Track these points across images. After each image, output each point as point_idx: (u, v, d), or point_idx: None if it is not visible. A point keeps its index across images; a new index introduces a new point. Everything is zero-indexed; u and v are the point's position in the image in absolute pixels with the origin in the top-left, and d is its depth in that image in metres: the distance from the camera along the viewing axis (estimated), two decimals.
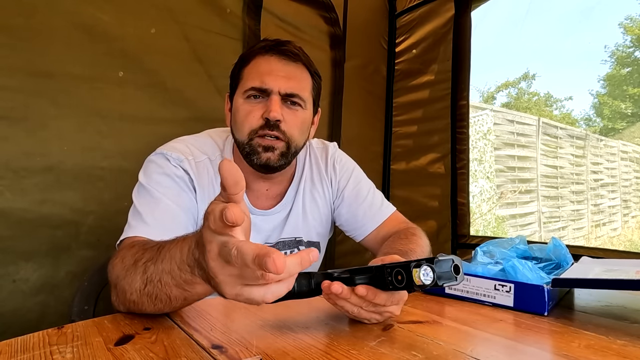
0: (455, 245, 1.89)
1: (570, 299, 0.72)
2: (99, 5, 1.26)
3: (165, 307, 0.55)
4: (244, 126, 0.81)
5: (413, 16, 2.10)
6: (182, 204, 0.78)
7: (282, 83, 0.80)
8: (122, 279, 0.58)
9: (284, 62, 0.82)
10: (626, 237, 6.49)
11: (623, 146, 7.28)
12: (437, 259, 0.46)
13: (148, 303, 0.55)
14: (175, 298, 0.51)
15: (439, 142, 1.97)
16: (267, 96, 0.80)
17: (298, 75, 0.83)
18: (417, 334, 0.52)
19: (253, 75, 0.81)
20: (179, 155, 0.81)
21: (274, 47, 0.82)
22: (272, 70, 0.81)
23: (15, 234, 1.13)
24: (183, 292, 0.50)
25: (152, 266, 0.53)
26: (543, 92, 10.83)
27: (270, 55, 0.82)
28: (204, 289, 0.48)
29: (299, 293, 0.52)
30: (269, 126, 0.79)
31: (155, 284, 0.52)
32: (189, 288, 0.49)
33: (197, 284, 0.47)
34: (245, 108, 0.81)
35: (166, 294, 0.51)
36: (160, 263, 0.51)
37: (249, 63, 0.83)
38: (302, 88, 0.83)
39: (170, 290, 0.51)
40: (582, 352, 0.48)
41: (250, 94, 0.81)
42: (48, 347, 0.47)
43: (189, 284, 0.48)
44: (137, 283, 0.55)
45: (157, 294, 0.52)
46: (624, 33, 8.77)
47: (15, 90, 1.13)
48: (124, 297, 0.58)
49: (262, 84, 0.80)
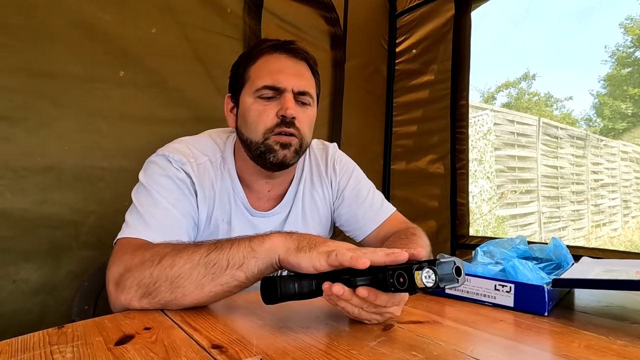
0: (455, 246, 1.89)
1: (571, 299, 0.72)
2: (100, 5, 1.26)
3: (220, 293, 0.60)
4: (258, 126, 0.80)
5: (413, 16, 2.10)
6: (183, 208, 0.77)
7: (294, 81, 0.80)
8: (166, 268, 0.60)
9: (293, 60, 0.82)
10: (626, 238, 6.49)
11: (623, 146, 7.28)
12: (439, 261, 0.46)
13: (200, 284, 0.58)
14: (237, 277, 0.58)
15: (438, 142, 1.97)
16: (280, 94, 0.80)
17: (306, 73, 0.84)
18: (417, 334, 0.52)
19: (263, 73, 0.81)
20: (180, 158, 0.80)
21: (282, 46, 0.82)
22: (283, 68, 0.80)
23: (16, 234, 1.13)
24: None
25: (215, 251, 0.59)
26: (543, 92, 10.83)
27: (280, 53, 0.82)
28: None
29: (300, 294, 0.52)
30: (285, 124, 0.79)
31: (220, 265, 0.58)
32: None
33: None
34: (257, 108, 0.80)
35: (233, 275, 0.58)
36: (227, 250, 0.59)
37: (256, 62, 0.83)
38: (310, 86, 0.84)
39: (237, 273, 0.58)
40: (582, 353, 0.48)
41: (262, 93, 0.80)
42: (48, 347, 0.47)
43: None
44: (197, 269, 0.59)
45: (220, 275, 0.58)
46: (625, 33, 8.77)
47: (15, 90, 1.13)
48: (162, 278, 0.59)
49: (276, 82, 0.79)
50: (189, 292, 0.59)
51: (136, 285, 0.60)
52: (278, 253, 0.57)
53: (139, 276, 0.60)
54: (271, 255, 0.57)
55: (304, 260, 0.53)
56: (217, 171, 0.86)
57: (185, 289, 0.59)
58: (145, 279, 0.60)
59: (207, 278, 0.58)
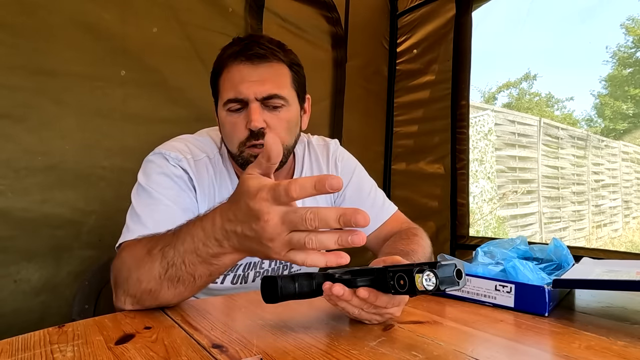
0: (454, 246, 1.89)
1: (571, 300, 0.72)
2: (101, 4, 1.26)
3: (186, 290, 0.57)
4: (232, 139, 0.80)
5: (414, 16, 2.10)
6: (182, 205, 0.77)
7: (256, 88, 0.77)
8: (134, 271, 0.60)
9: (254, 65, 0.78)
10: (627, 238, 6.48)
11: (624, 147, 7.26)
12: (440, 263, 0.46)
13: (169, 288, 0.57)
14: (200, 276, 0.55)
15: (439, 142, 1.97)
16: (246, 105, 0.78)
17: (272, 74, 0.79)
18: (417, 334, 0.52)
19: (227, 87, 0.79)
20: (177, 155, 0.81)
21: (241, 53, 0.78)
22: (244, 78, 0.77)
23: (17, 233, 1.13)
24: (209, 267, 0.53)
25: (171, 250, 0.55)
26: (544, 93, 10.80)
27: (240, 62, 0.78)
28: (231, 259, 0.53)
29: (300, 293, 0.52)
30: (254, 136, 0.77)
31: (178, 266, 0.55)
32: (215, 261, 0.52)
33: (225, 255, 0.52)
34: (229, 121, 0.80)
35: (190, 273, 0.54)
36: (181, 245, 0.54)
37: (222, 74, 0.81)
38: (279, 86, 0.79)
39: (195, 269, 0.54)
40: (583, 353, 0.48)
41: (229, 107, 0.79)
42: (49, 346, 0.47)
43: (216, 257, 0.52)
44: (156, 270, 0.57)
45: (180, 276, 0.55)
46: (626, 34, 8.75)
47: (16, 89, 1.13)
48: (138, 288, 0.59)
49: (238, 94, 0.77)
50: (169, 299, 0.59)
51: (124, 295, 0.61)
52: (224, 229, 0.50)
53: (124, 286, 0.61)
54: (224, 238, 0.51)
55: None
56: (216, 168, 0.86)
57: (164, 299, 0.59)
58: (129, 290, 0.61)
59: (180, 289, 0.57)
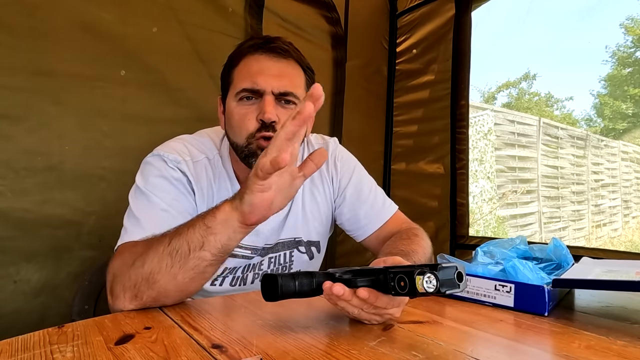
0: (454, 246, 1.88)
1: (571, 300, 0.72)
2: (101, 4, 1.26)
3: (181, 270, 0.60)
4: (240, 130, 0.79)
5: (414, 16, 2.10)
6: (180, 208, 0.76)
7: (274, 82, 0.77)
8: (135, 262, 0.61)
9: (274, 59, 0.79)
10: (627, 238, 6.48)
11: (624, 146, 7.26)
12: (441, 265, 0.46)
13: (167, 266, 0.59)
14: (195, 247, 0.59)
15: (439, 142, 1.97)
16: (260, 97, 0.78)
17: (290, 72, 0.80)
18: (417, 334, 0.52)
19: (244, 76, 0.79)
20: (175, 157, 0.80)
21: (262, 45, 0.79)
22: (262, 70, 0.78)
23: (16, 234, 1.13)
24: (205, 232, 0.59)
25: (174, 234, 0.61)
26: (544, 93, 10.80)
27: (260, 53, 0.79)
28: (225, 216, 0.58)
29: (300, 292, 0.52)
30: (265, 127, 0.77)
31: (180, 241, 0.60)
32: (211, 222, 0.59)
33: (220, 211, 0.59)
34: (239, 111, 0.79)
35: (187, 241, 0.59)
36: (183, 227, 0.61)
37: (239, 64, 0.81)
38: (295, 85, 0.80)
39: (192, 236, 0.59)
40: (583, 353, 0.48)
41: (242, 96, 0.79)
42: (48, 346, 0.47)
43: (213, 214, 0.59)
44: (160, 249, 0.60)
45: (180, 248, 0.59)
46: (625, 33, 8.75)
47: (16, 89, 1.13)
48: (137, 275, 0.60)
49: (254, 85, 0.77)
50: (165, 284, 0.60)
51: (123, 290, 0.61)
52: (235, 218, 0.58)
53: (123, 280, 0.62)
54: (229, 224, 0.58)
55: (248, 199, 0.56)
56: (215, 169, 0.86)
57: (160, 283, 0.60)
58: (127, 282, 0.61)
59: (176, 267, 0.59)
